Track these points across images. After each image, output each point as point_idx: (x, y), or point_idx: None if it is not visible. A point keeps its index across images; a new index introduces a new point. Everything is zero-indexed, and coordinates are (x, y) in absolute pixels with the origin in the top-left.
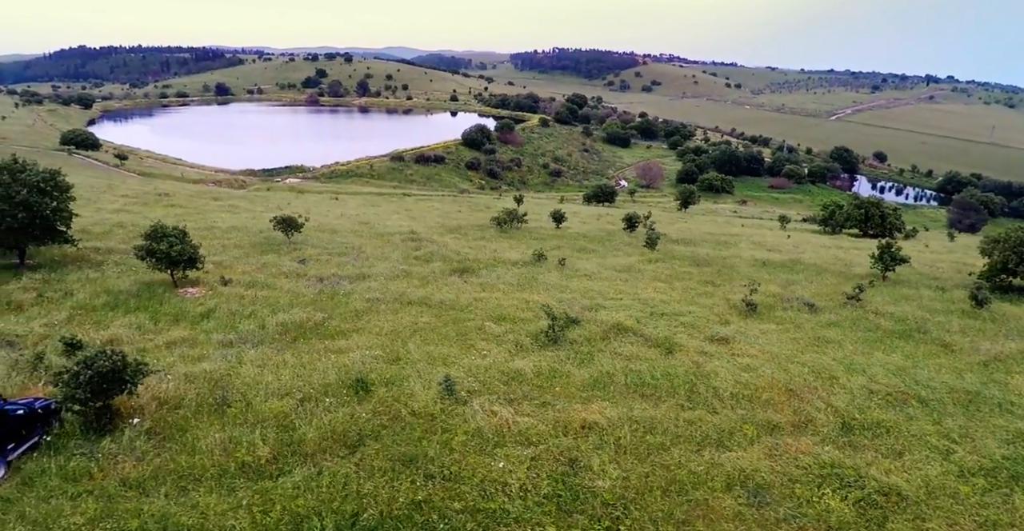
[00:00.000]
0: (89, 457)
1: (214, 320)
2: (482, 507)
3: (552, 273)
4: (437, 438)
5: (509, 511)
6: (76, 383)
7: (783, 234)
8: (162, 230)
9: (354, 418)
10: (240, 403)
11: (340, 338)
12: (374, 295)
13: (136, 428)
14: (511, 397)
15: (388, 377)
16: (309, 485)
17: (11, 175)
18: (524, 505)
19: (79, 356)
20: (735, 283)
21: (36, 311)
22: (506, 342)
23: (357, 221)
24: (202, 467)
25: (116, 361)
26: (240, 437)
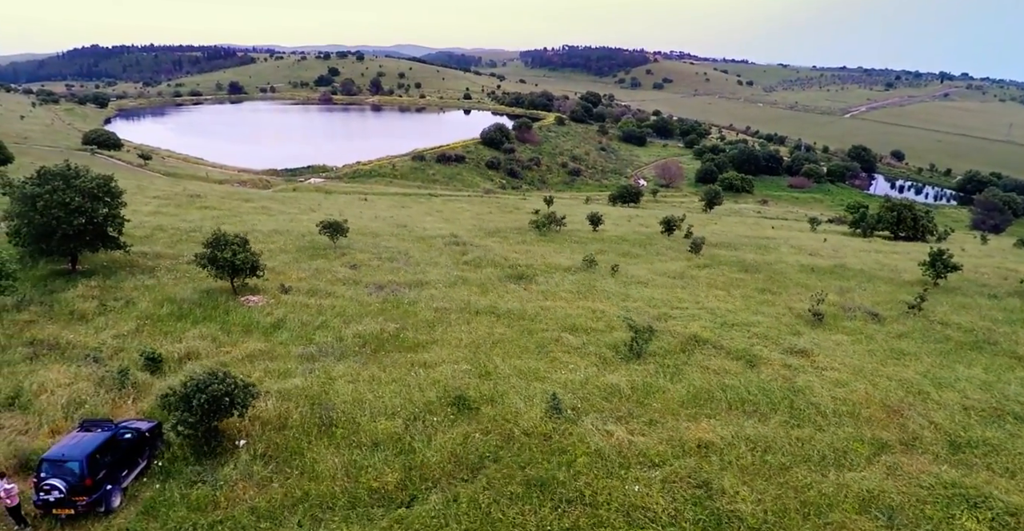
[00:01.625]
0: (212, 485)
1: (287, 331)
2: None
3: (608, 280)
4: (558, 459)
5: None
6: (187, 406)
7: (816, 236)
8: (224, 238)
9: (468, 439)
10: (346, 423)
11: (421, 350)
12: (440, 304)
13: (243, 450)
14: (617, 415)
15: (487, 394)
16: (449, 512)
17: (65, 181)
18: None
19: (184, 377)
20: (791, 291)
21: (102, 321)
22: (588, 355)
23: (394, 223)
24: (331, 494)
25: (229, 384)
26: (360, 461)
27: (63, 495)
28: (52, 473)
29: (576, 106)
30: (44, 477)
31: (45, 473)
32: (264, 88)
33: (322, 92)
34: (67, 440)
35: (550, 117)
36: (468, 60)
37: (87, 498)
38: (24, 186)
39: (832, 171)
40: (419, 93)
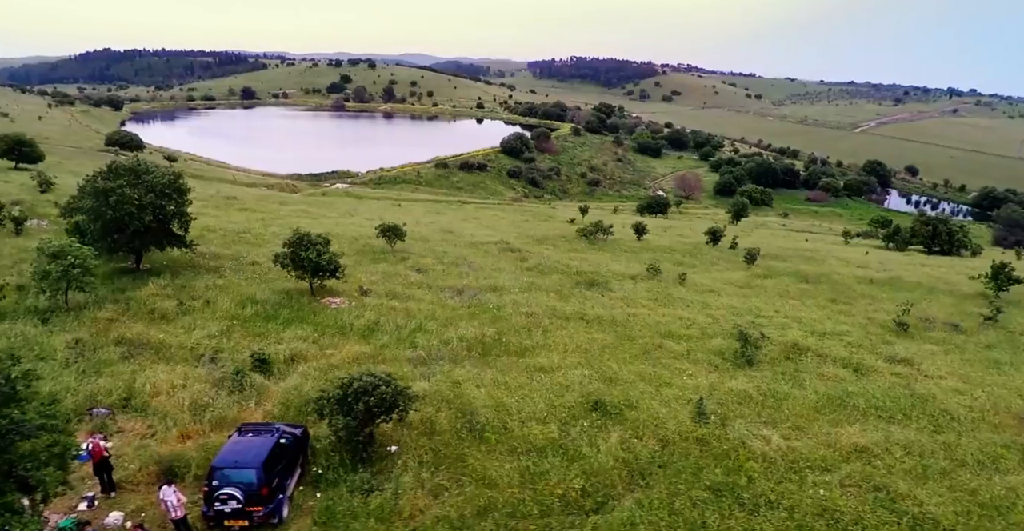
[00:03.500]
0: (393, 493)
1: (384, 334)
2: None
3: (678, 288)
4: (726, 464)
5: None
6: (347, 410)
7: (854, 249)
8: (308, 237)
9: (627, 444)
10: (495, 428)
11: (530, 355)
12: (528, 309)
13: (396, 456)
14: (761, 420)
15: (622, 399)
16: (643, 517)
17: (136, 176)
18: None
19: (341, 381)
20: (859, 302)
21: (187, 321)
22: (698, 361)
23: (439, 229)
24: (518, 503)
25: (395, 388)
26: (532, 467)
27: (240, 505)
28: (226, 482)
29: (590, 117)
30: (217, 486)
31: (218, 482)
32: (276, 94)
33: (335, 99)
34: (233, 446)
35: (565, 127)
36: (476, 69)
37: (263, 508)
38: (96, 180)
39: (849, 185)
40: (432, 101)
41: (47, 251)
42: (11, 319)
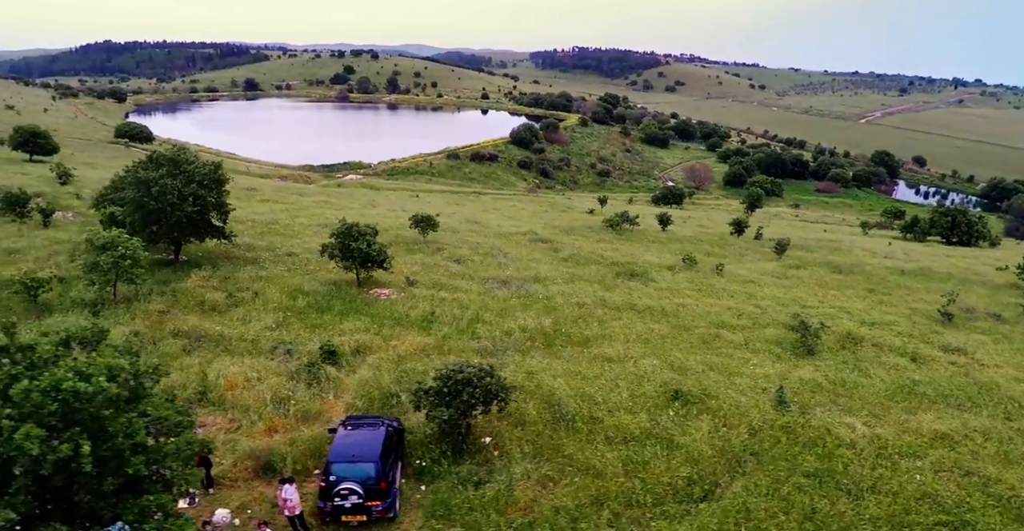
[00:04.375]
0: (506, 484)
1: (444, 325)
2: (952, 520)
3: (718, 278)
4: (817, 451)
5: (969, 521)
6: (446, 402)
7: (876, 240)
8: (357, 228)
9: (717, 432)
10: (584, 418)
11: (594, 345)
12: (577, 299)
13: (490, 447)
14: (842, 408)
15: (699, 389)
16: (752, 504)
17: (176, 166)
18: (983, 515)
19: (440, 372)
20: (897, 292)
21: (240, 313)
22: (758, 351)
23: (464, 220)
24: (629, 491)
25: (498, 379)
26: (633, 456)
27: (361, 500)
28: (345, 476)
29: (597, 107)
30: (336, 481)
31: (336, 476)
32: (280, 85)
33: (339, 90)
34: (344, 439)
35: (572, 118)
36: (478, 60)
37: (382, 503)
38: (137, 170)
39: (858, 176)
40: (436, 92)
41: (97, 243)
42: (60, 312)
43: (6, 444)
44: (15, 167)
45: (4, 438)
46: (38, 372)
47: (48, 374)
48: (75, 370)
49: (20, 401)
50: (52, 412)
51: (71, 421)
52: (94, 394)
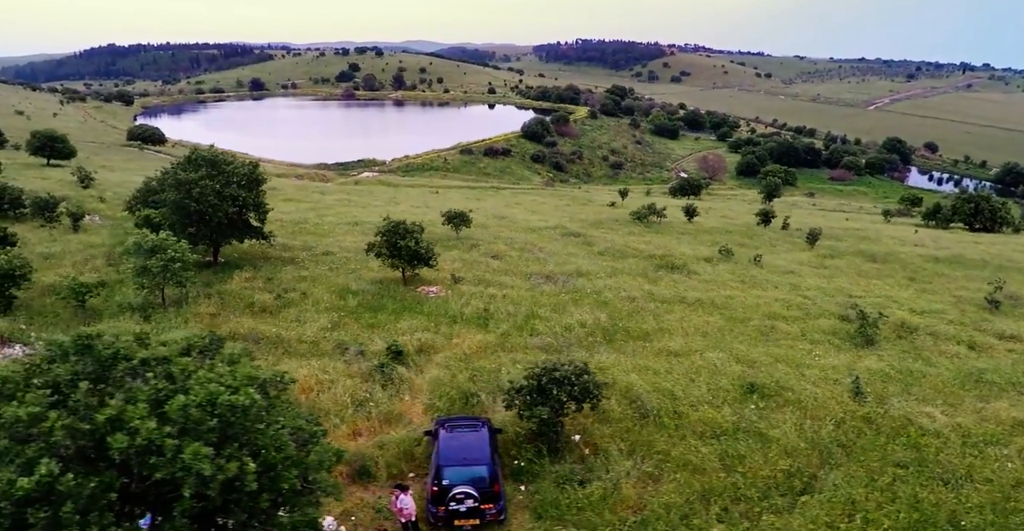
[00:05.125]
0: (613, 482)
1: (501, 322)
2: None
3: (758, 270)
4: (903, 441)
5: None
6: (541, 400)
7: (899, 228)
8: (403, 226)
9: (802, 424)
10: (667, 413)
11: (655, 339)
12: (626, 293)
13: (580, 444)
14: (916, 398)
15: (772, 381)
16: (861, 495)
17: (215, 167)
18: None
19: (532, 371)
20: (936, 280)
21: (291, 313)
22: (817, 342)
23: (491, 215)
24: (732, 486)
25: (594, 377)
26: (729, 450)
27: (476, 504)
28: (459, 480)
29: (605, 99)
30: (450, 485)
31: (449, 480)
32: (285, 84)
33: (344, 88)
34: (450, 442)
35: (582, 110)
36: (481, 55)
37: (494, 505)
38: (176, 172)
39: (871, 163)
40: (442, 88)
41: (146, 246)
42: (109, 317)
43: (171, 464)
44: (34, 172)
45: (168, 458)
46: (181, 385)
47: (199, 387)
48: (222, 382)
49: (177, 418)
50: (211, 428)
51: (227, 437)
52: (248, 407)
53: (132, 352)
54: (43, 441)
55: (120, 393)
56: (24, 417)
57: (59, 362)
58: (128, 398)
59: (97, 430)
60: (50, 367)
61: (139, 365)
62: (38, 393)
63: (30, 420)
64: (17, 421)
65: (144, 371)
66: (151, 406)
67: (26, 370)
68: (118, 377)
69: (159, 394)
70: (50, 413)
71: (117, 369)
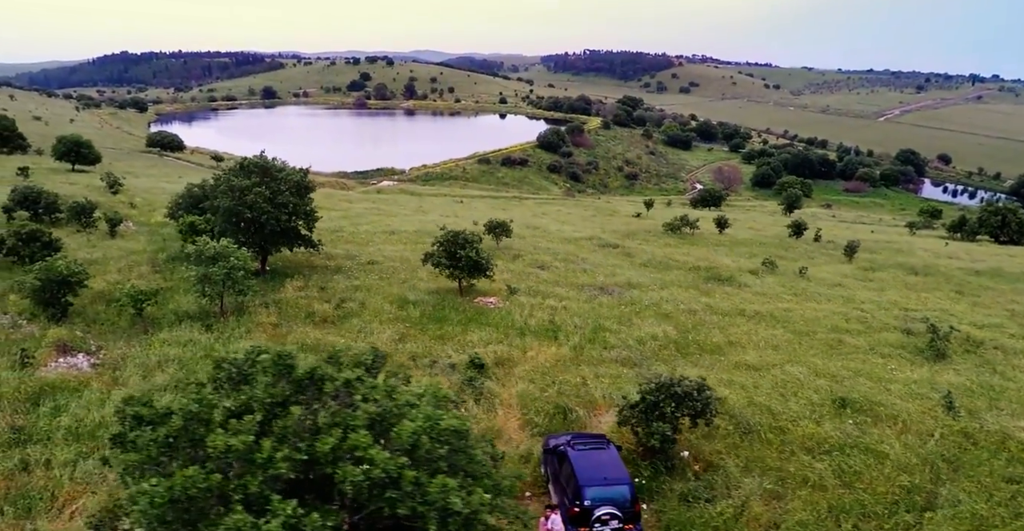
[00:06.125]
0: (740, 500)
1: (571, 335)
2: None
3: (807, 282)
4: (1006, 456)
5: None
6: (660, 416)
7: (928, 241)
8: (463, 235)
9: (904, 439)
10: (769, 428)
11: (728, 353)
12: (686, 306)
13: (689, 461)
14: (1007, 412)
15: (862, 396)
16: (987, 511)
17: (267, 174)
18: None
19: (646, 387)
20: (984, 294)
21: (354, 324)
22: (888, 356)
23: (523, 225)
24: (858, 503)
25: (712, 392)
26: (843, 467)
27: (620, 524)
28: (601, 500)
29: (617, 110)
30: (591, 505)
31: (591, 501)
32: (297, 93)
33: (356, 97)
34: (584, 461)
35: (594, 121)
36: (489, 65)
37: (635, 526)
38: (230, 178)
39: (886, 175)
40: (454, 98)
41: (207, 253)
42: (170, 327)
43: (410, 498)
44: (61, 177)
45: (407, 491)
46: (395, 409)
47: (416, 412)
48: (417, 403)
49: (405, 445)
50: (441, 456)
51: (452, 465)
52: (466, 431)
53: (329, 372)
54: (261, 474)
55: (326, 417)
56: (238, 447)
57: (257, 382)
58: (340, 424)
59: (316, 460)
60: (242, 388)
61: (342, 386)
62: (247, 419)
63: (245, 450)
64: (229, 451)
65: (348, 393)
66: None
67: (215, 389)
68: (325, 400)
69: (374, 419)
70: (263, 442)
71: (324, 392)
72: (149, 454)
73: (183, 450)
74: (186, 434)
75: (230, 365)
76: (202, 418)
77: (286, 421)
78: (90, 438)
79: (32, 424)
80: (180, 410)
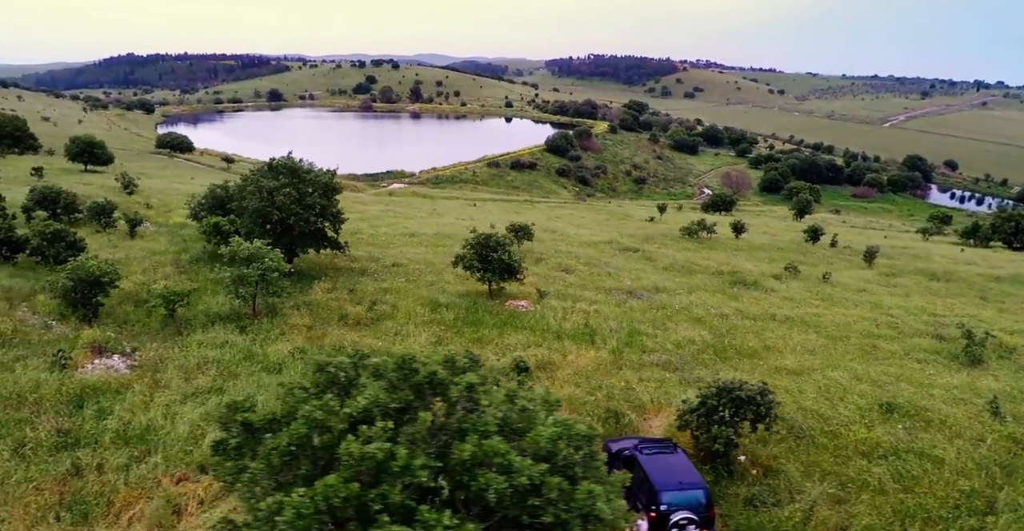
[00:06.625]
0: (807, 504)
1: (608, 339)
2: None
3: (831, 287)
4: None
5: None
6: (720, 420)
7: (944, 247)
8: (495, 238)
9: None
10: (821, 432)
11: (765, 358)
12: (716, 311)
13: (746, 465)
14: None
15: (906, 401)
16: None
17: (295, 175)
18: None
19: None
20: (1009, 300)
21: (389, 326)
22: (924, 361)
23: (540, 229)
24: (921, 507)
25: (774, 397)
26: (901, 471)
27: (697, 529)
28: (677, 504)
29: (624, 114)
30: (668, 509)
31: (667, 505)
32: (303, 96)
33: (362, 100)
34: (655, 466)
35: (601, 125)
36: (494, 69)
37: (710, 530)
38: (259, 179)
39: (893, 181)
40: (459, 101)
41: (241, 254)
42: (204, 328)
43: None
44: (75, 177)
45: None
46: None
47: (544, 416)
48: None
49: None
50: (576, 462)
51: (587, 470)
52: (593, 437)
53: (449, 377)
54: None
55: (455, 423)
56: (376, 455)
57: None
58: (468, 430)
59: (451, 468)
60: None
61: (464, 391)
62: (379, 426)
63: (384, 458)
64: (365, 458)
65: (470, 398)
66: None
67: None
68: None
69: (504, 425)
70: (397, 449)
71: (447, 397)
72: (270, 463)
73: (304, 459)
74: (309, 442)
75: (336, 369)
76: (325, 425)
77: (415, 427)
78: (139, 441)
79: (78, 427)
80: (303, 417)
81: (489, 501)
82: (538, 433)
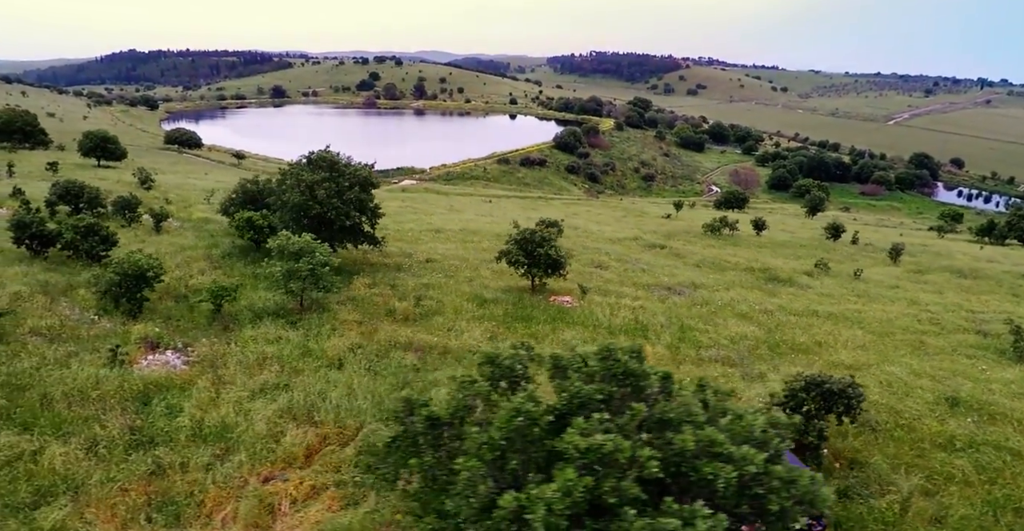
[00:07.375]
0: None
1: (660, 334)
2: None
3: (864, 284)
4: None
5: None
6: (805, 412)
7: (962, 245)
8: (540, 233)
9: None
10: (895, 426)
11: (819, 353)
12: (760, 307)
13: (826, 457)
14: None
15: (970, 395)
16: None
17: (334, 169)
18: None
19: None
20: None
21: (440, 322)
22: (974, 357)
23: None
24: (1005, 498)
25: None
26: (982, 463)
27: (809, 521)
28: None
29: (629, 111)
30: None
31: None
32: (306, 92)
33: (366, 96)
34: None
35: (607, 122)
36: (496, 66)
37: (818, 522)
38: (300, 173)
39: (901, 179)
40: (463, 98)
41: (291, 249)
42: (253, 324)
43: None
44: (89, 172)
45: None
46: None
47: (731, 402)
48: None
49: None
50: (783, 449)
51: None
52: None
53: (638, 368)
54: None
55: (661, 414)
56: (605, 446)
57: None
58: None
59: (672, 459)
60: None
61: (659, 382)
62: (596, 417)
63: (612, 451)
64: (590, 450)
65: (664, 389)
66: None
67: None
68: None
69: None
70: (620, 441)
71: (644, 388)
72: (481, 458)
73: (512, 454)
74: (519, 436)
75: (512, 361)
76: (532, 417)
77: (625, 419)
78: (217, 439)
79: (149, 425)
80: (509, 409)
81: (718, 491)
82: (753, 421)
